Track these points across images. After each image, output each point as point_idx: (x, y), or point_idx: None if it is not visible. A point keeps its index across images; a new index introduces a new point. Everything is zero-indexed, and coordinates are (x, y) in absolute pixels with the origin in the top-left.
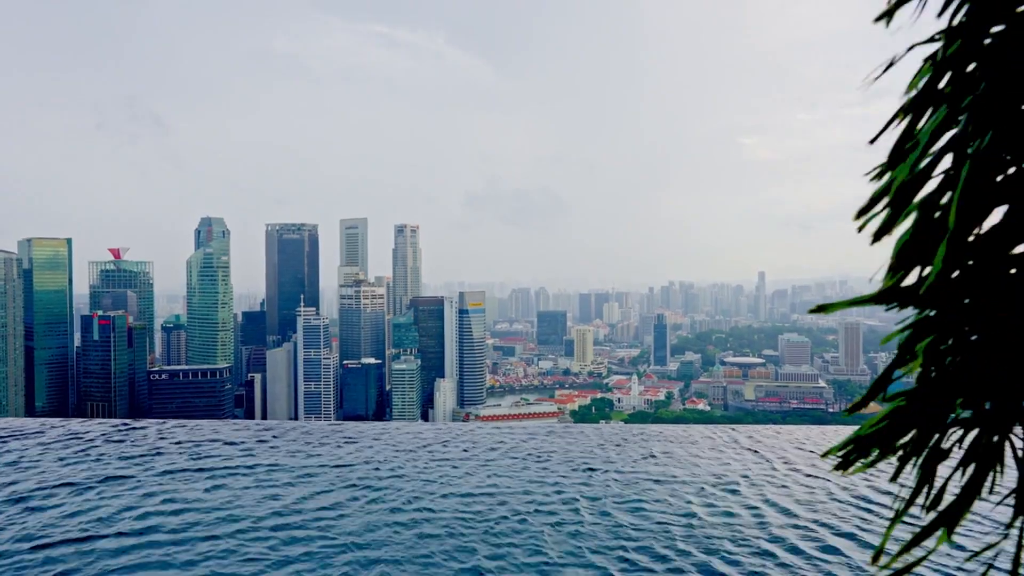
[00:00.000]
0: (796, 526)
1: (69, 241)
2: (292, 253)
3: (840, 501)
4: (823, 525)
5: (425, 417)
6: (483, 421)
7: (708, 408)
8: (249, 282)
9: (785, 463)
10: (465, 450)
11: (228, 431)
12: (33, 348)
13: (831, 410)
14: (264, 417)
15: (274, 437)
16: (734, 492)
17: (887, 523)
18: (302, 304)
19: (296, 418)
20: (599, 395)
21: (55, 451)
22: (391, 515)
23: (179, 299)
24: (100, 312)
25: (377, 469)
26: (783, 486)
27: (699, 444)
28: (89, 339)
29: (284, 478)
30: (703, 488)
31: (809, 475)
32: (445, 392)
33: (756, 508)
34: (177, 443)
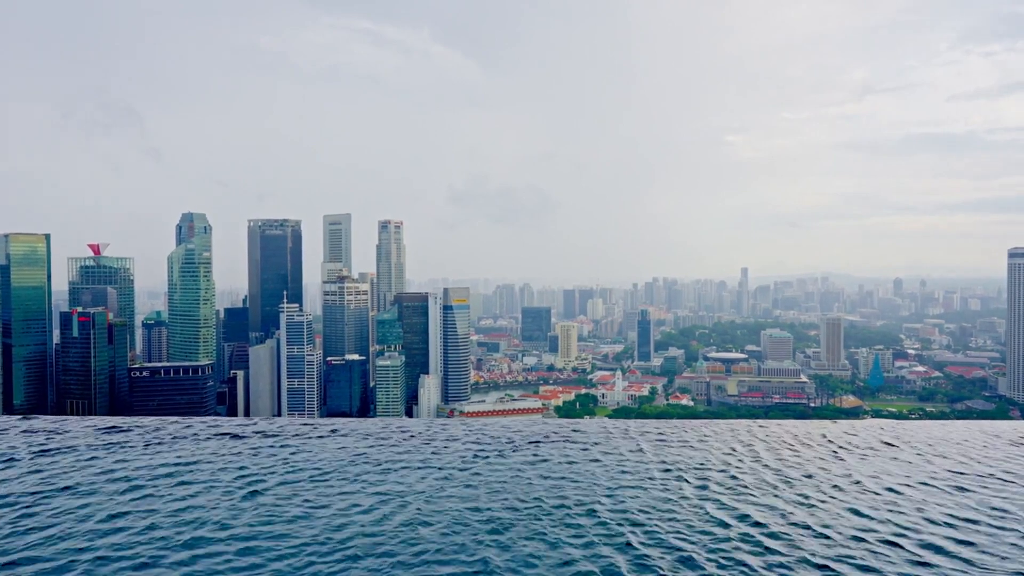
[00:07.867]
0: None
1: (47, 237)
2: (275, 249)
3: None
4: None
5: (409, 413)
6: (467, 417)
7: (691, 403)
8: (231, 278)
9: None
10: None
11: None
12: (11, 345)
13: (813, 404)
14: (247, 414)
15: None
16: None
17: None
18: (285, 300)
19: (279, 415)
20: (583, 391)
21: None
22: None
23: (160, 296)
24: (80, 309)
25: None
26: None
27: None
28: (69, 336)
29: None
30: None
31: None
32: (429, 388)
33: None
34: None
